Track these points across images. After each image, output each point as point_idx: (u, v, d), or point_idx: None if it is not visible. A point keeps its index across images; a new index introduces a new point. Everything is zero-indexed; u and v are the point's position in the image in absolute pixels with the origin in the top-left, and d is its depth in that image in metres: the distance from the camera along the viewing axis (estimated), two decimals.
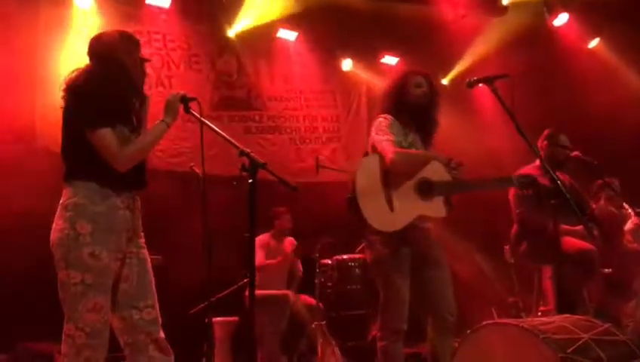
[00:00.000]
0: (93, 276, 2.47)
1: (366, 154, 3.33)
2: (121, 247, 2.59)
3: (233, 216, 3.39)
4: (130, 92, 2.68)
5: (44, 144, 5.38)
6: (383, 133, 3.17)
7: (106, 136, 2.49)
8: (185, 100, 2.66)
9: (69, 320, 2.48)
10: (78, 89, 2.54)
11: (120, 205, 2.57)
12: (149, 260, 2.74)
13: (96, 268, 2.47)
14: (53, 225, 2.55)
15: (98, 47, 2.70)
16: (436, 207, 3.21)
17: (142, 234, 2.75)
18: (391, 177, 3.16)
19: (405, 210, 3.14)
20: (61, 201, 2.55)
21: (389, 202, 3.12)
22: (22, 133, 5.14)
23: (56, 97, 2.61)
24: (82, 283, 2.46)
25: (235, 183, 2.58)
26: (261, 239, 5.61)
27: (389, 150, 3.11)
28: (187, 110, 2.66)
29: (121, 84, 2.62)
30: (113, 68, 2.62)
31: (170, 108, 2.66)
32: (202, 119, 2.65)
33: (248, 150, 2.40)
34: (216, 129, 2.58)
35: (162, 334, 2.66)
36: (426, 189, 3.17)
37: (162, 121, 2.64)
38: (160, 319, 2.68)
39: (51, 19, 5.54)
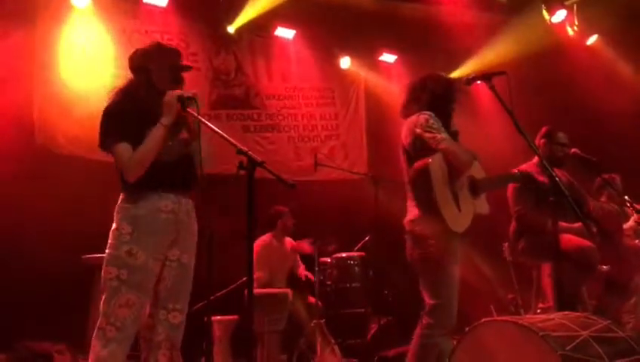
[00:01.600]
0: (128, 272, 2.59)
1: (408, 153, 3.28)
2: (162, 250, 2.68)
3: (231, 214, 3.39)
4: (151, 102, 2.70)
5: (42, 143, 5.38)
6: (438, 131, 3.17)
7: (118, 151, 2.63)
8: (182, 99, 2.65)
9: (103, 314, 2.59)
10: (104, 109, 2.72)
11: (163, 209, 2.68)
12: (191, 265, 2.81)
13: (132, 265, 2.59)
14: None
15: (130, 62, 2.82)
16: (483, 204, 3.33)
17: (192, 237, 2.82)
18: (453, 176, 3.19)
19: (468, 209, 3.22)
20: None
21: (457, 202, 3.17)
22: (20, 132, 5.13)
23: (54, 97, 2.66)
24: (117, 278, 2.59)
25: (234, 179, 2.57)
26: (262, 241, 5.61)
27: (458, 150, 3.16)
28: (184, 109, 2.66)
29: (141, 95, 2.71)
30: (138, 80, 2.75)
31: (167, 108, 2.66)
32: (200, 118, 2.65)
33: (246, 148, 2.40)
34: (214, 128, 2.58)
35: (179, 342, 2.73)
36: (474, 187, 3.27)
37: (159, 123, 2.64)
38: (183, 326, 2.74)
39: (49, 19, 5.52)
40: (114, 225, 2.67)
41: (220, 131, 2.53)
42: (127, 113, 2.67)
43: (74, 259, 4.10)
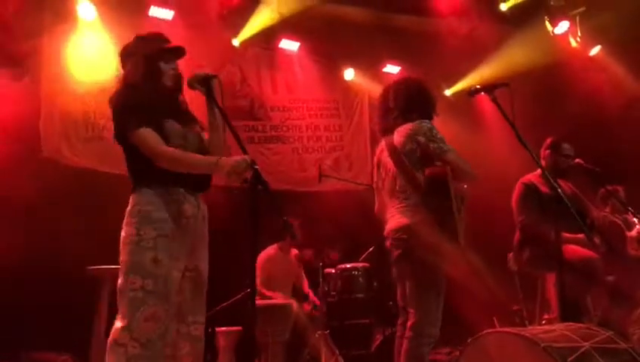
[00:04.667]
0: (154, 282, 2.38)
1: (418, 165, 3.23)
2: (183, 258, 2.51)
3: (236, 225, 3.40)
4: (152, 88, 2.60)
5: (48, 154, 5.43)
6: (442, 141, 3.16)
7: (143, 135, 2.45)
8: (254, 166, 2.38)
9: (125, 328, 2.35)
10: (111, 103, 2.57)
11: (184, 213, 2.52)
12: (206, 273, 2.66)
13: (158, 274, 2.39)
14: (121, 233, 2.50)
15: (119, 57, 2.72)
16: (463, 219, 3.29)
17: (206, 244, 2.67)
18: (455, 190, 3.18)
19: (461, 222, 3.19)
20: (127, 209, 2.52)
21: (459, 215, 3.17)
22: (26, 143, 5.17)
23: (61, 108, 2.64)
24: (142, 289, 2.37)
25: (236, 192, 2.55)
26: (266, 254, 5.62)
27: (463, 162, 3.15)
28: (254, 181, 2.36)
29: (140, 83, 2.60)
30: (130, 72, 2.63)
31: (237, 165, 2.40)
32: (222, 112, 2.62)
33: (257, 165, 2.35)
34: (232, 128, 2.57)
35: (202, 355, 2.60)
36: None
37: (217, 164, 2.44)
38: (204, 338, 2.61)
39: (56, 33, 5.58)
40: (129, 230, 2.44)
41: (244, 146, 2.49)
42: (139, 103, 2.53)
43: (79, 270, 4.12)
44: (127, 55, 2.69)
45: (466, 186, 3.28)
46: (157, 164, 2.47)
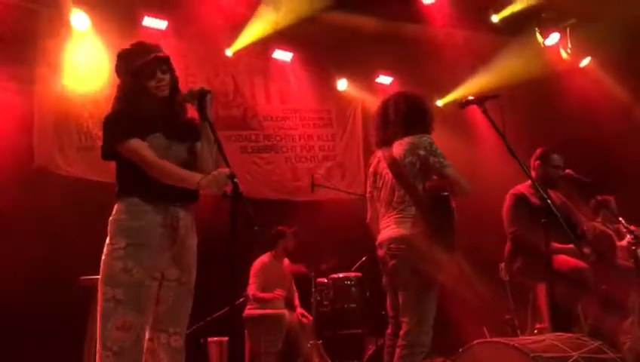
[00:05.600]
0: (124, 291, 2.40)
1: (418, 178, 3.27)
2: (159, 267, 2.51)
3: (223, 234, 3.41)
4: (142, 100, 2.61)
5: (40, 164, 5.42)
6: (442, 156, 3.21)
7: (133, 145, 2.50)
8: (232, 179, 2.43)
9: (100, 339, 2.39)
10: (104, 118, 2.63)
11: (160, 222, 2.52)
12: (190, 285, 2.64)
13: (128, 283, 2.41)
14: None
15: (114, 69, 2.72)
16: None
17: (192, 254, 2.66)
18: None
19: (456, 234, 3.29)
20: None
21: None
22: (19, 153, 5.17)
23: (53, 118, 2.65)
24: (113, 298, 2.40)
25: (217, 209, 2.59)
26: (260, 262, 5.63)
27: (461, 177, 3.20)
28: (228, 193, 2.43)
29: (128, 99, 2.61)
30: (119, 89, 2.65)
31: (215, 181, 2.46)
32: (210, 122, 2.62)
33: (236, 178, 2.39)
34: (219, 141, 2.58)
35: None
36: None
37: (199, 182, 2.48)
38: (184, 349, 2.59)
39: (49, 43, 5.60)
40: (108, 239, 2.49)
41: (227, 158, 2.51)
42: (127, 116, 2.57)
43: (71, 281, 4.10)
44: (116, 73, 2.71)
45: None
46: (148, 174, 2.50)
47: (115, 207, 2.56)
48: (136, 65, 2.59)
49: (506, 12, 6.59)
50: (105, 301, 2.42)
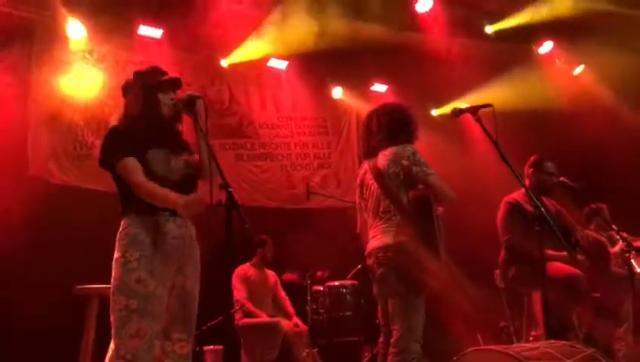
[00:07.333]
0: (138, 301, 2.49)
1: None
2: (170, 276, 2.61)
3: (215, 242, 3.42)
4: (152, 115, 2.72)
5: (35, 173, 5.42)
6: (426, 165, 3.23)
7: (129, 165, 2.59)
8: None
9: (115, 347, 2.48)
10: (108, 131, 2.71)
11: (170, 234, 2.62)
12: (194, 292, 2.72)
13: (142, 293, 2.50)
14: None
15: (121, 92, 2.84)
16: None
17: (196, 263, 2.75)
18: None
19: (441, 241, 3.28)
20: (118, 232, 2.63)
21: (439, 234, 3.25)
22: (13, 162, 5.16)
23: (48, 127, 2.67)
24: (126, 308, 2.48)
25: (212, 215, 2.60)
26: (242, 270, 5.62)
27: (444, 186, 3.21)
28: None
29: (138, 113, 2.71)
30: (130, 102, 2.75)
31: (191, 205, 2.52)
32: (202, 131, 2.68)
33: (230, 187, 2.44)
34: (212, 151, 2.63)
35: None
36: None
37: (177, 203, 2.52)
38: (191, 356, 2.65)
39: (44, 52, 5.60)
40: (117, 253, 2.57)
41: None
42: (129, 133, 2.66)
43: (67, 290, 4.10)
44: (127, 88, 2.82)
45: (441, 209, 3.35)
46: (138, 194, 2.59)
47: (124, 221, 2.63)
48: (158, 80, 2.76)
49: (501, 25, 6.64)
50: (118, 311, 2.50)
